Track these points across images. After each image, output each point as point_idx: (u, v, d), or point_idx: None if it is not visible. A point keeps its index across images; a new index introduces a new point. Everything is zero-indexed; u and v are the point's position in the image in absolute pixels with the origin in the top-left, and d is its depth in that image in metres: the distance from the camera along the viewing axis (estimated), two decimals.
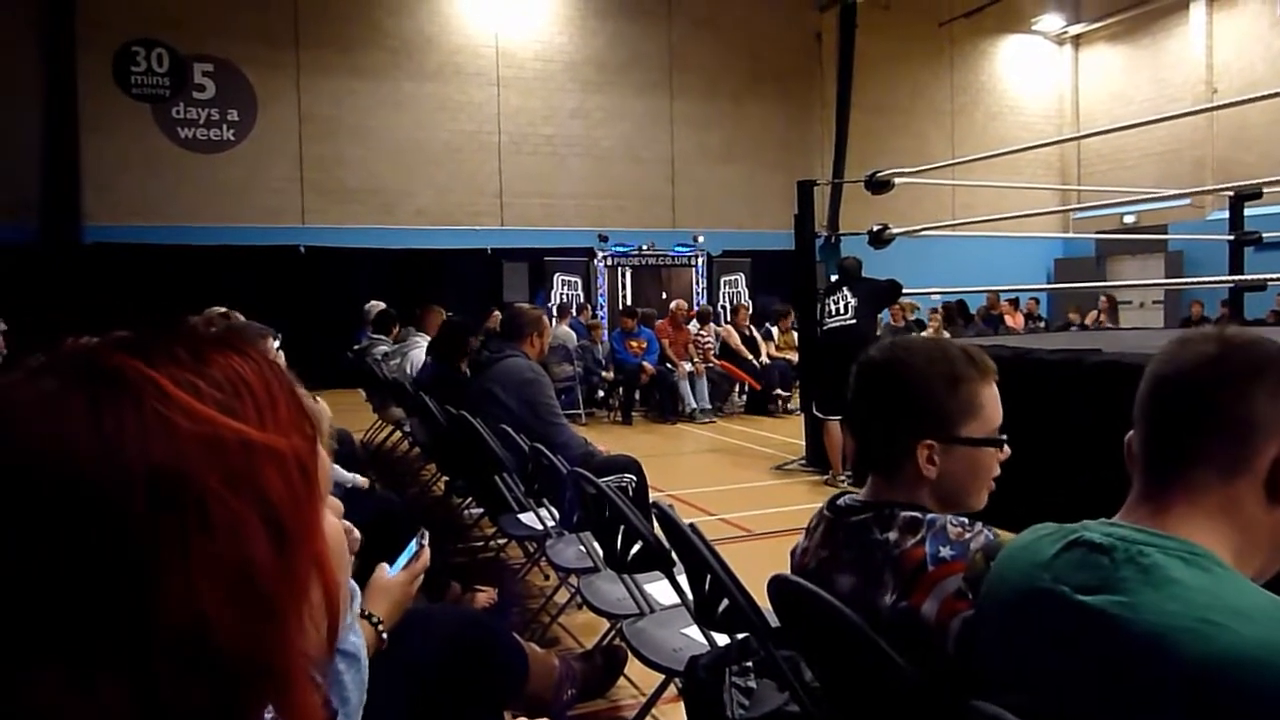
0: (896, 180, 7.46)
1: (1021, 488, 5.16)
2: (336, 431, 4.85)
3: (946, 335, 11.14)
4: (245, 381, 0.58)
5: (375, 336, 8.67)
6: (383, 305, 9.41)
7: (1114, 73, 19.33)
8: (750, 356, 10.96)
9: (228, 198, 14.20)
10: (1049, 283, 18.35)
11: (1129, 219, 17.54)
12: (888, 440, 1.55)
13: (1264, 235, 8.54)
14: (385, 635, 1.67)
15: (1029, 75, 19.93)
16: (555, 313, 12.08)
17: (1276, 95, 5.54)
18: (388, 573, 1.72)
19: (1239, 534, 1.07)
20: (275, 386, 0.60)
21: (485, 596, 3.72)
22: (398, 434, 7.63)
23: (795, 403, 10.33)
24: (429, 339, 7.28)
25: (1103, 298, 13.28)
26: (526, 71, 16.09)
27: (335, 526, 0.65)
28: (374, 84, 15.13)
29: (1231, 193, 8.87)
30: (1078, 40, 20.13)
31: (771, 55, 17.51)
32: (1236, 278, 8.28)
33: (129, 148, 13.70)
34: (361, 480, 3.98)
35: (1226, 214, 9.10)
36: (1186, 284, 11.91)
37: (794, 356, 10.62)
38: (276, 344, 3.78)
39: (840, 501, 1.60)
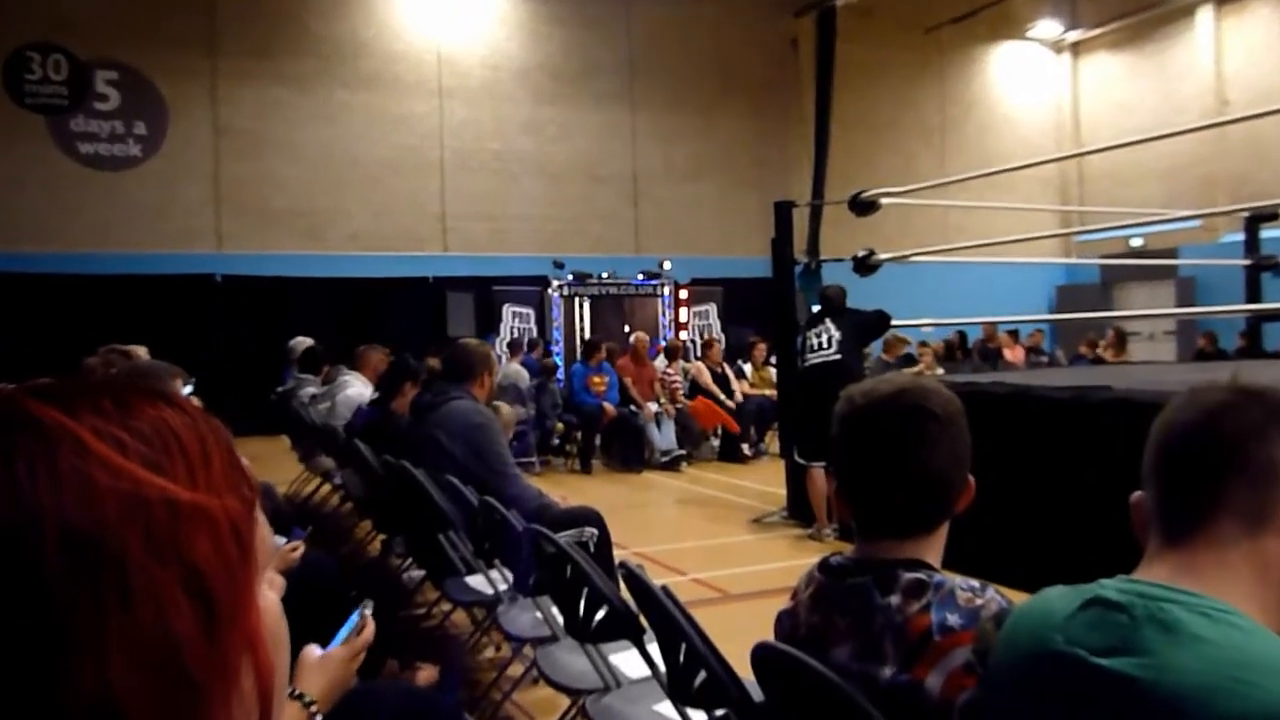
0: (883, 201, 7.57)
1: (1027, 542, 5.19)
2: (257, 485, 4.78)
3: (940, 371, 11.26)
4: (176, 436, 0.58)
5: (302, 376, 8.60)
6: (309, 342, 9.34)
7: (1116, 83, 19.81)
8: (723, 397, 10.98)
9: (134, 221, 14.07)
10: (1050, 312, 18.63)
11: (1136, 242, 17.89)
12: (938, 497, 1.57)
13: None
14: (320, 719, 1.64)
15: (1025, 85, 20.38)
16: (506, 349, 12.06)
17: None
18: (322, 648, 1.69)
19: (1264, 587, 1.11)
20: (209, 442, 0.59)
21: (425, 674, 3.67)
22: (327, 486, 7.55)
23: (774, 446, 10.37)
24: (363, 380, 7.25)
25: (1110, 330, 13.50)
26: (472, 80, 16.18)
27: (273, 604, 0.64)
28: (301, 94, 15.12)
29: (1247, 213, 9.10)
30: (1076, 48, 20.63)
31: (743, 64, 17.76)
32: (1254, 306, 8.47)
33: (22, 165, 13.54)
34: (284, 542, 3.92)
35: (1241, 236, 9.32)
36: (1200, 313, 12.14)
37: (771, 393, 10.67)
38: (189, 387, 3.74)
39: (833, 561, 1.61)
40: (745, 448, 10.98)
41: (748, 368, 11.97)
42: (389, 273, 15.11)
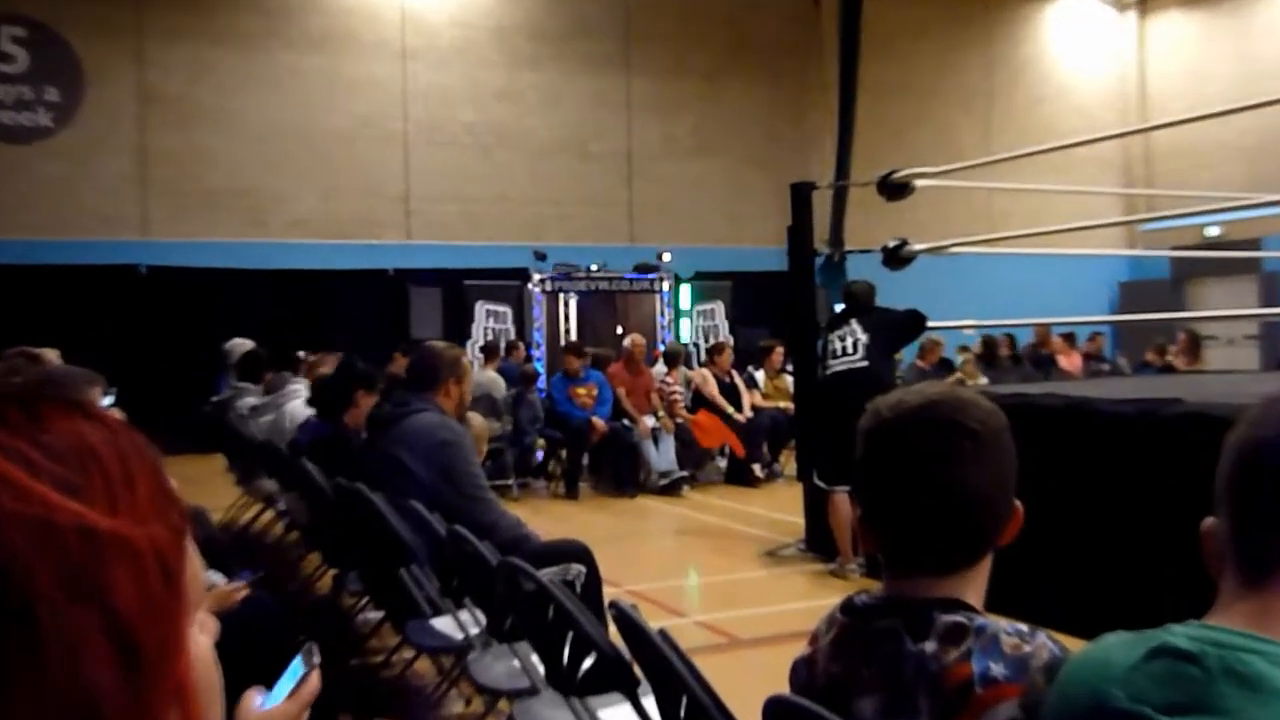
0: (918, 182, 7.58)
1: (1084, 579, 5.20)
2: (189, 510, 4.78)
3: (983, 380, 11.28)
4: (94, 453, 0.58)
5: (240, 385, 8.61)
6: (249, 344, 9.36)
7: (1189, 46, 19.84)
8: (731, 410, 10.97)
9: (44, 201, 14.05)
10: (1112, 313, 18.64)
11: (1212, 231, 17.90)
12: (977, 526, 1.57)
13: None
14: None
15: (1083, 49, 20.43)
16: (479, 353, 12.06)
17: None
18: (265, 702, 1.69)
19: None
20: (133, 461, 0.59)
21: None
22: (270, 513, 7.55)
23: (790, 468, 10.36)
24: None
25: (1181, 333, 13.53)
26: (441, 40, 16.19)
27: (205, 649, 0.64)
28: (241, 55, 15.12)
29: None
30: (1144, 5, 20.67)
31: (756, 23, 17.78)
32: None
33: None
34: (220, 580, 3.92)
35: None
36: None
37: (787, 405, 10.66)
38: (109, 398, 3.74)
39: (858, 601, 1.61)
40: (756, 469, 10.99)
41: (760, 375, 11.97)
42: (342, 264, 15.09)
